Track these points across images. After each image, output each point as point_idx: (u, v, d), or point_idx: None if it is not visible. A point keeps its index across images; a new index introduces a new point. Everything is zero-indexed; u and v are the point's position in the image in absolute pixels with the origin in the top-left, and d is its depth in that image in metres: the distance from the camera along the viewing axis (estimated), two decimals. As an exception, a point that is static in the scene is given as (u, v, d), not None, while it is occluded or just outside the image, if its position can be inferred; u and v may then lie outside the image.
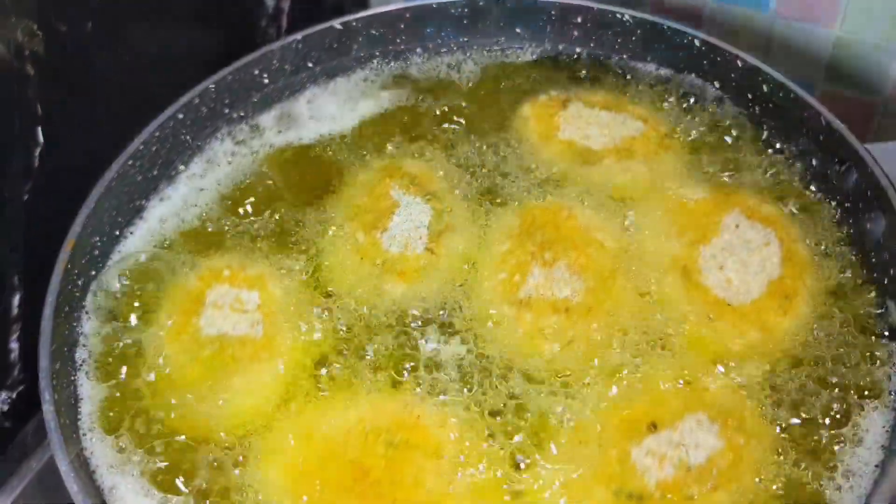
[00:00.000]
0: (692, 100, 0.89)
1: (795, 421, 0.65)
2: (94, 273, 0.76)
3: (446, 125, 0.89)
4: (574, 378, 0.68)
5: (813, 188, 0.81)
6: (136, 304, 0.74)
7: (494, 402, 0.67)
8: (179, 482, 0.64)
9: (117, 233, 0.80)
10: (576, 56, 0.95)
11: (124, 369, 0.70)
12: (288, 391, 0.68)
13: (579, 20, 0.94)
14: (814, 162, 0.81)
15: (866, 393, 0.66)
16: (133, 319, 0.74)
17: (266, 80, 0.90)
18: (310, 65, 0.92)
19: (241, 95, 0.88)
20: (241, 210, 0.82)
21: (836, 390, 0.66)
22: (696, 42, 0.88)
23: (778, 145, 0.84)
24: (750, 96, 0.86)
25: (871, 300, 0.72)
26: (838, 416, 0.65)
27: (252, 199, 0.83)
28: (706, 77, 0.89)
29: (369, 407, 0.67)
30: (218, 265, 0.76)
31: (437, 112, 0.90)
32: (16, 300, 0.83)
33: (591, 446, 0.63)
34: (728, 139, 0.86)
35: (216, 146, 0.87)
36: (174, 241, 0.80)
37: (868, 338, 0.70)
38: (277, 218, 0.81)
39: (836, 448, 0.63)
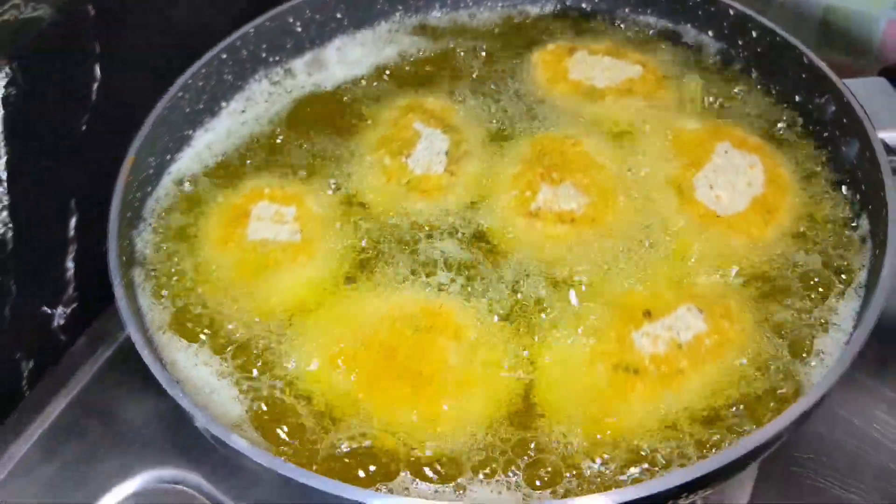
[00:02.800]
0: (688, 47, 0.98)
1: (775, 309, 0.73)
2: (149, 189, 0.85)
3: (463, 69, 0.97)
4: (578, 276, 0.76)
5: (796, 120, 0.89)
6: (188, 217, 0.83)
7: (507, 295, 0.75)
8: (229, 356, 0.73)
9: (168, 157, 0.88)
10: (582, 9, 1.03)
11: (179, 268, 0.79)
12: (324, 287, 0.77)
13: (586, -24, 1.03)
14: (797, 97, 0.89)
15: (839, 287, 0.74)
16: (185, 229, 0.82)
17: (299, 29, 0.98)
18: (338, 16, 1.01)
19: (276, 41, 0.97)
20: (278, 140, 0.91)
21: (812, 285, 0.75)
22: (693, -6, 0.97)
23: (765, 84, 0.92)
24: (741, 42, 0.94)
25: (845, 213, 0.80)
26: (813, 307, 0.73)
27: (288, 131, 0.92)
28: (701, 27, 0.98)
29: (397, 299, 0.75)
30: (259, 185, 0.85)
31: (455, 58, 0.98)
32: (72, 223, 0.91)
33: (592, 330, 0.72)
34: (720, 80, 0.94)
35: (254, 86, 0.96)
36: (220, 164, 0.89)
37: (841, 245, 0.78)
38: (310, 147, 0.90)
39: (810, 331, 0.72)
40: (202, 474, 0.81)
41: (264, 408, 0.70)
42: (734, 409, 0.67)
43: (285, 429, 0.68)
